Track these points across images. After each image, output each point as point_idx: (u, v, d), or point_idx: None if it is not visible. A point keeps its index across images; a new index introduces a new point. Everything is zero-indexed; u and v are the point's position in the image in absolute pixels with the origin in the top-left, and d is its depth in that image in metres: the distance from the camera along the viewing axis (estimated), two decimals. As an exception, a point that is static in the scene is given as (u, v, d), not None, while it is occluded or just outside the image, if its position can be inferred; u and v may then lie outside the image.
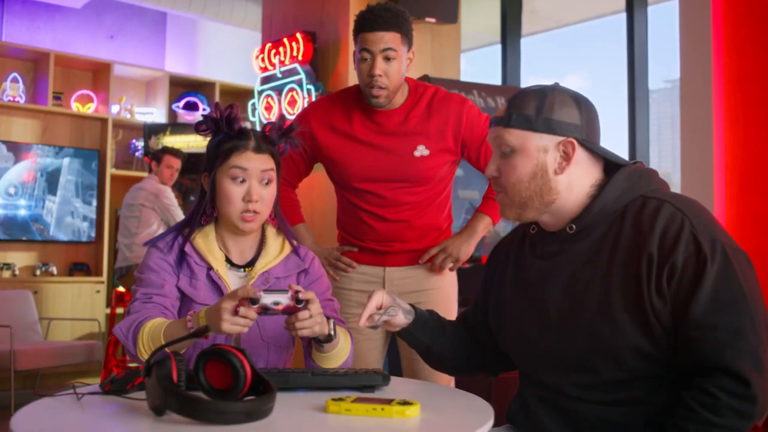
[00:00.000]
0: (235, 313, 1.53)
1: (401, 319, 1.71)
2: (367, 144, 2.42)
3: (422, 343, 1.76)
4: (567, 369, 1.52)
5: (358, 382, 1.55)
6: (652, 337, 1.40)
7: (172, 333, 1.61)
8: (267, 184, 1.84)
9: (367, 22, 2.33)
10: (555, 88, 1.54)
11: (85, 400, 1.44)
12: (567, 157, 1.51)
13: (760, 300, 1.40)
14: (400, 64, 2.35)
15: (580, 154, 1.52)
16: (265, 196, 1.83)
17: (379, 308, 1.68)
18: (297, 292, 1.55)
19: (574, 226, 1.52)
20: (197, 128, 1.87)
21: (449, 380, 2.50)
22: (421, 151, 2.39)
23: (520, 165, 1.52)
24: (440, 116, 2.41)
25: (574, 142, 1.50)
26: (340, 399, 1.35)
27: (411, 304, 1.77)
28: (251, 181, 1.81)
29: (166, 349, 1.37)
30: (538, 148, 1.51)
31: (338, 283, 2.51)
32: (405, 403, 1.33)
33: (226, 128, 1.83)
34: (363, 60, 2.35)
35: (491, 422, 1.33)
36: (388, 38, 2.32)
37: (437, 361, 1.82)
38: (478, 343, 1.80)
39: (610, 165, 1.57)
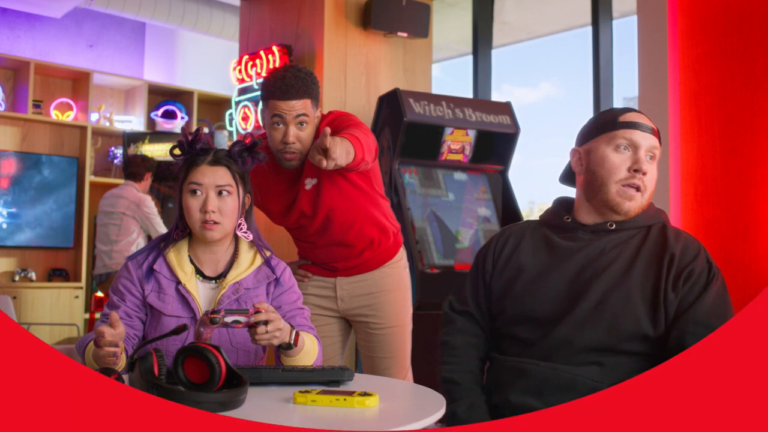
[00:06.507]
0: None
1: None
2: (272, 187, 2.46)
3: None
4: (563, 327, 1.72)
5: (325, 378, 1.68)
6: (655, 320, 1.69)
7: (96, 354, 1.76)
8: (224, 195, 1.95)
9: (279, 91, 2.30)
10: None
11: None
12: None
13: None
14: (312, 126, 2.36)
15: None
16: (224, 207, 1.95)
17: None
18: (256, 312, 1.72)
19: (614, 225, 1.81)
20: (173, 156, 2.00)
21: (405, 376, 2.63)
22: (310, 182, 2.42)
23: (655, 170, 1.83)
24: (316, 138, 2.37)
25: None
26: (307, 391, 1.49)
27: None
28: (207, 193, 1.94)
29: (148, 346, 1.51)
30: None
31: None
32: (365, 394, 1.47)
33: (188, 148, 1.97)
34: (275, 125, 2.34)
35: (442, 411, 1.47)
36: (300, 105, 2.31)
37: None
38: (484, 332, 1.93)
39: None
